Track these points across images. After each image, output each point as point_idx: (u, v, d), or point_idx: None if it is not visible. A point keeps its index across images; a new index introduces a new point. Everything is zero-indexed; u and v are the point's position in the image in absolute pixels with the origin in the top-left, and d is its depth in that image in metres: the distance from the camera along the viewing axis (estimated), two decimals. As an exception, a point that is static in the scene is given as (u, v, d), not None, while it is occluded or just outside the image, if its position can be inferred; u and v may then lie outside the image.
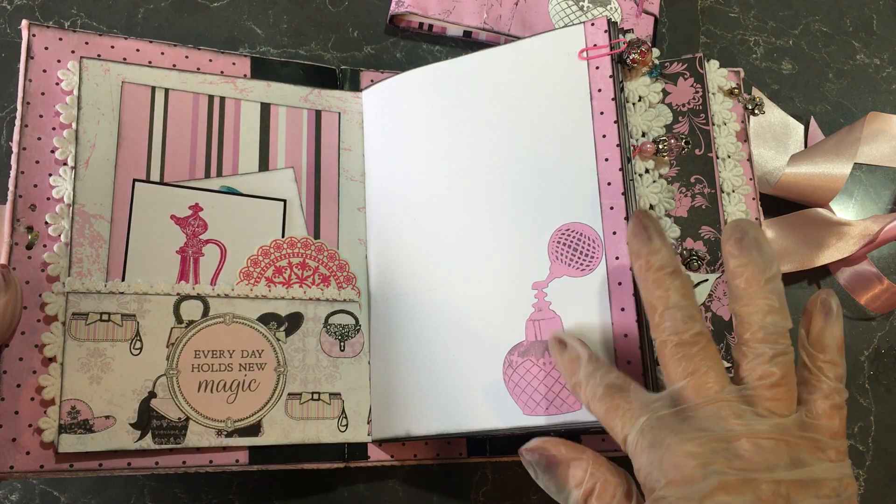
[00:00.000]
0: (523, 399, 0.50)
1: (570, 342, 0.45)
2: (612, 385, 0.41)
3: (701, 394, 0.38)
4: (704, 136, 0.58)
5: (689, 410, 0.38)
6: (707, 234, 0.57)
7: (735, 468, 0.35)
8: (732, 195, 0.59)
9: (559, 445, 0.43)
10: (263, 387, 0.53)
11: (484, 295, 0.53)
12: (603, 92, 0.52)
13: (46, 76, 0.54)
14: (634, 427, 0.38)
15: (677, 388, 0.39)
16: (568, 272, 0.51)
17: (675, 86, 0.59)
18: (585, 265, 0.50)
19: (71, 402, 0.49)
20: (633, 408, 0.39)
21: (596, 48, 0.53)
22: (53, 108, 0.54)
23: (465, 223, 0.55)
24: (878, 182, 0.70)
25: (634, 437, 0.38)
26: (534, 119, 0.54)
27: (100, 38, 0.56)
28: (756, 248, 0.40)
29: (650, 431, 0.37)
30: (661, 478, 0.36)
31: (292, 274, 0.56)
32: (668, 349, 0.39)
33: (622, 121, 0.52)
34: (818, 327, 0.41)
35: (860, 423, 0.64)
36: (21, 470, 0.48)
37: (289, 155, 0.58)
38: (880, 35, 0.74)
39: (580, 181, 0.52)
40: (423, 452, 0.57)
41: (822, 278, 0.67)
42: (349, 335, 0.56)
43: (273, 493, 0.56)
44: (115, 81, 0.55)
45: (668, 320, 0.40)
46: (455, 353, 0.53)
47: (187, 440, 0.51)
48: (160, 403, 0.51)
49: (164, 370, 0.51)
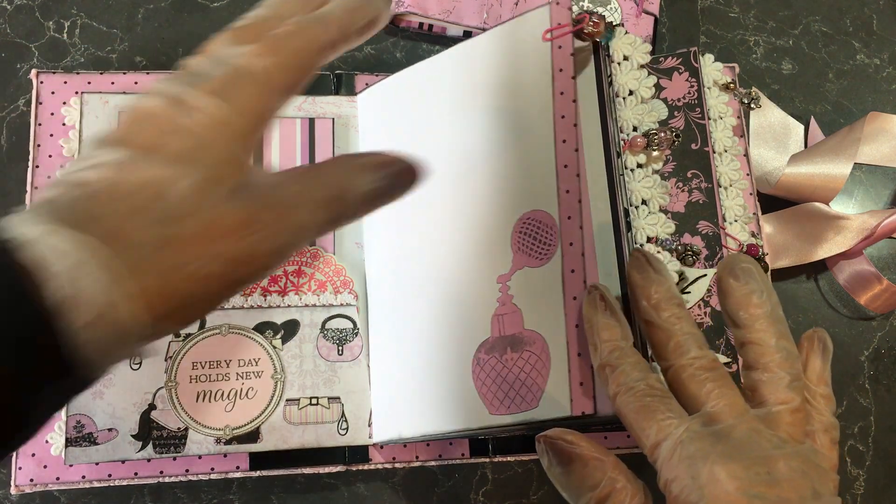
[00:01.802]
0: (489, 397, 0.49)
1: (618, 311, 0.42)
2: (654, 387, 0.39)
3: (734, 414, 0.37)
4: (700, 131, 0.58)
5: (725, 430, 0.37)
6: (704, 229, 0.57)
7: (774, 495, 0.35)
8: (730, 189, 0.59)
9: (581, 440, 0.42)
10: (261, 394, 0.54)
11: (457, 292, 0.52)
12: (564, 72, 0.49)
13: (54, 118, 0.57)
14: (672, 436, 0.37)
15: (709, 409, 0.38)
16: (528, 262, 0.49)
17: (670, 80, 0.59)
18: (543, 254, 0.48)
19: (76, 417, 0.52)
20: (674, 416, 0.38)
21: (560, 27, 0.50)
22: (59, 145, 0.57)
23: (444, 221, 0.54)
24: (878, 182, 0.70)
25: (671, 446, 0.37)
26: (504, 108, 0.52)
27: (101, 77, 0.58)
28: (758, 277, 0.40)
29: (690, 443, 0.36)
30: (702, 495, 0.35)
31: (288, 282, 0.56)
32: (687, 373, 0.39)
33: (612, 115, 0.52)
34: (817, 364, 0.41)
35: (860, 423, 0.64)
36: (40, 482, 0.53)
37: (283, 164, 0.58)
38: (880, 35, 0.74)
39: (542, 167, 0.49)
40: (424, 454, 0.57)
41: (820, 273, 0.67)
42: (347, 339, 0.57)
43: (273, 494, 0.57)
44: (112, 112, 0.57)
45: (686, 346, 0.39)
46: (432, 352, 0.53)
47: (187, 449, 0.52)
48: (160, 415, 0.52)
49: (164, 382, 0.53)
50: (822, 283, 0.67)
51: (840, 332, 0.66)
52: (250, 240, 0.30)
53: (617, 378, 0.40)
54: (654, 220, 0.55)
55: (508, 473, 0.60)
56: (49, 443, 0.53)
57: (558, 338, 0.46)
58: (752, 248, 0.59)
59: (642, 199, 0.55)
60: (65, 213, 0.27)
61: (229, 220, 0.29)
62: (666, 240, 0.55)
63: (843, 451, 0.63)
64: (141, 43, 0.63)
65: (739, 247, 0.58)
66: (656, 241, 0.55)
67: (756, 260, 0.58)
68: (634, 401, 0.39)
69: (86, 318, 0.26)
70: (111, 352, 0.27)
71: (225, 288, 0.30)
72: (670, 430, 0.37)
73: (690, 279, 0.56)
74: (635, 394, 0.39)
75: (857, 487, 0.63)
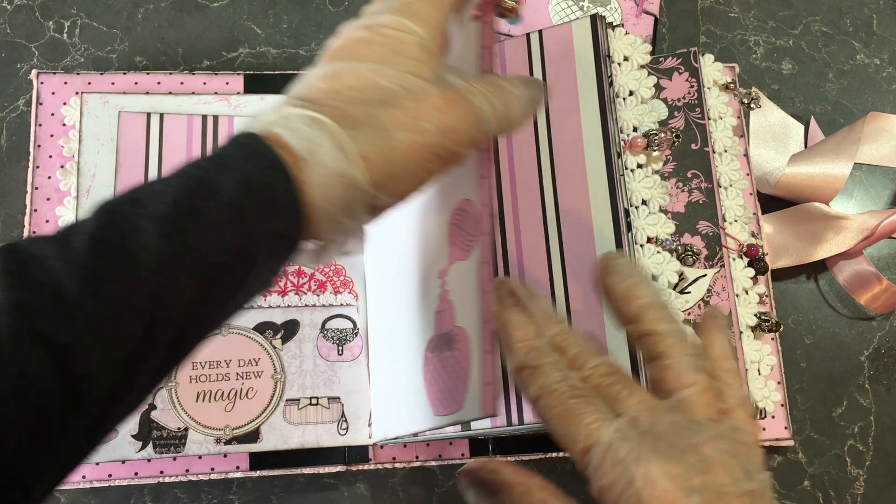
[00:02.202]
0: (433, 397, 0.47)
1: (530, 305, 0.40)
2: (576, 387, 0.37)
3: (649, 410, 0.37)
4: (700, 131, 0.58)
5: (647, 427, 0.36)
6: (704, 229, 0.57)
7: (710, 484, 0.34)
8: (730, 189, 0.59)
9: (503, 466, 0.39)
10: (261, 394, 0.54)
11: (413, 289, 0.51)
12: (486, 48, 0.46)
13: (54, 119, 0.57)
14: (601, 440, 0.35)
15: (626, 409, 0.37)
16: (458, 255, 0.46)
17: (670, 80, 0.59)
18: (468, 246, 0.45)
19: None
20: (601, 416, 0.36)
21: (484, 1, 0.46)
22: (59, 146, 0.57)
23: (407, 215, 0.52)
24: (878, 182, 0.70)
25: (601, 451, 0.35)
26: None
27: (101, 77, 0.59)
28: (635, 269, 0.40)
29: (621, 446, 0.35)
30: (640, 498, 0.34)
31: (287, 282, 0.56)
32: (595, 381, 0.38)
33: (612, 115, 0.52)
34: (715, 340, 0.41)
35: (860, 423, 0.64)
36: None
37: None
38: (880, 35, 0.74)
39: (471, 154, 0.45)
40: (424, 454, 0.57)
41: (820, 273, 0.67)
42: (347, 339, 0.57)
43: (273, 493, 0.57)
44: (112, 112, 0.57)
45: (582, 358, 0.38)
46: (410, 351, 0.51)
47: (187, 449, 0.52)
48: (160, 415, 0.52)
49: (163, 382, 0.52)
50: (822, 283, 0.67)
51: (840, 332, 0.66)
52: (451, 115, 0.37)
53: (536, 380, 0.38)
54: (654, 220, 0.55)
55: (508, 473, 0.60)
56: (49, 443, 0.53)
57: (476, 334, 0.44)
58: (752, 248, 0.59)
59: (642, 200, 0.55)
60: (304, 103, 0.36)
61: (433, 99, 0.37)
62: (666, 240, 0.55)
63: (843, 451, 0.63)
64: (141, 43, 0.63)
65: (739, 247, 0.58)
66: (656, 242, 0.55)
67: (756, 260, 0.58)
68: (558, 404, 0.37)
69: (320, 177, 0.34)
70: (341, 209, 0.35)
71: (432, 159, 0.37)
72: (598, 433, 0.36)
73: (690, 279, 0.56)
74: (558, 396, 0.37)
75: (857, 487, 0.63)
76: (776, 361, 0.61)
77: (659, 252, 0.54)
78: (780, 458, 0.62)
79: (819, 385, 0.64)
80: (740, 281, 0.58)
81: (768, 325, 0.58)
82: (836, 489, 0.62)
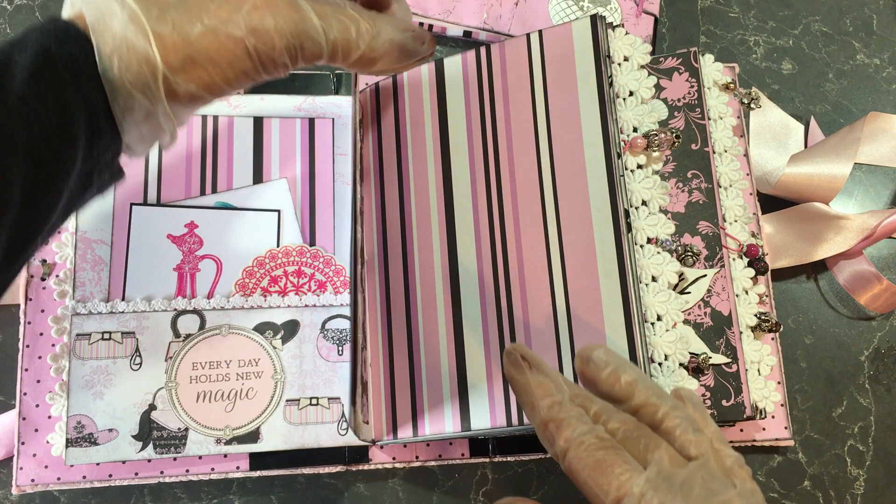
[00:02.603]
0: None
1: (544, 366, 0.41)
2: (603, 438, 0.38)
3: (678, 463, 0.37)
4: (700, 131, 0.58)
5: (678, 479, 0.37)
6: (705, 230, 0.57)
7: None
8: (730, 190, 0.59)
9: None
10: (261, 394, 0.54)
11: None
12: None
13: None
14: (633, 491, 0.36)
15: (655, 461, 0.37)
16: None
17: (670, 80, 0.59)
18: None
19: (77, 418, 0.52)
20: (630, 468, 0.37)
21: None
22: None
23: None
24: (878, 182, 0.70)
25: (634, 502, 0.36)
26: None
27: None
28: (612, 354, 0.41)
29: (653, 495, 0.36)
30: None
31: (287, 282, 0.56)
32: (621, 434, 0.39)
33: (612, 115, 0.52)
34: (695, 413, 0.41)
35: (860, 423, 0.64)
36: (41, 482, 0.53)
37: (283, 165, 0.58)
38: (880, 35, 0.74)
39: None
40: (424, 454, 0.57)
41: (820, 273, 0.67)
42: (347, 339, 0.57)
43: (273, 493, 0.57)
44: None
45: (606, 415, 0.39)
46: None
47: (187, 449, 0.52)
48: (160, 415, 0.52)
49: (164, 383, 0.53)
50: (822, 283, 0.67)
51: (840, 332, 0.66)
52: (265, 14, 0.37)
53: (563, 432, 0.38)
54: (654, 220, 0.55)
55: (508, 473, 0.60)
56: (50, 443, 0.53)
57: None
58: (752, 248, 0.59)
59: (642, 200, 0.55)
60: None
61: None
62: (666, 240, 0.55)
63: (843, 451, 0.63)
64: (141, 43, 0.63)
65: (739, 247, 0.58)
66: (656, 242, 0.55)
67: (756, 260, 0.58)
68: (587, 456, 0.38)
69: (111, 44, 0.34)
70: (138, 87, 0.35)
71: (240, 55, 0.37)
72: (629, 484, 0.36)
73: (690, 279, 0.56)
74: (587, 448, 0.38)
75: (857, 487, 0.63)
76: (776, 361, 0.61)
77: (659, 252, 0.54)
78: (780, 458, 0.62)
79: (819, 385, 0.64)
80: (740, 281, 0.58)
81: (768, 325, 0.58)
82: (836, 489, 0.62)
